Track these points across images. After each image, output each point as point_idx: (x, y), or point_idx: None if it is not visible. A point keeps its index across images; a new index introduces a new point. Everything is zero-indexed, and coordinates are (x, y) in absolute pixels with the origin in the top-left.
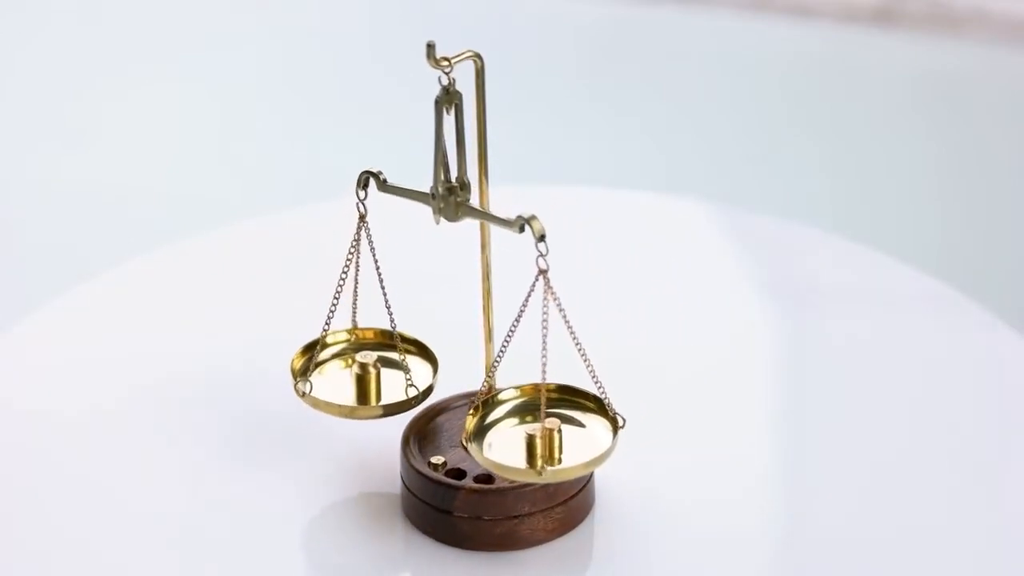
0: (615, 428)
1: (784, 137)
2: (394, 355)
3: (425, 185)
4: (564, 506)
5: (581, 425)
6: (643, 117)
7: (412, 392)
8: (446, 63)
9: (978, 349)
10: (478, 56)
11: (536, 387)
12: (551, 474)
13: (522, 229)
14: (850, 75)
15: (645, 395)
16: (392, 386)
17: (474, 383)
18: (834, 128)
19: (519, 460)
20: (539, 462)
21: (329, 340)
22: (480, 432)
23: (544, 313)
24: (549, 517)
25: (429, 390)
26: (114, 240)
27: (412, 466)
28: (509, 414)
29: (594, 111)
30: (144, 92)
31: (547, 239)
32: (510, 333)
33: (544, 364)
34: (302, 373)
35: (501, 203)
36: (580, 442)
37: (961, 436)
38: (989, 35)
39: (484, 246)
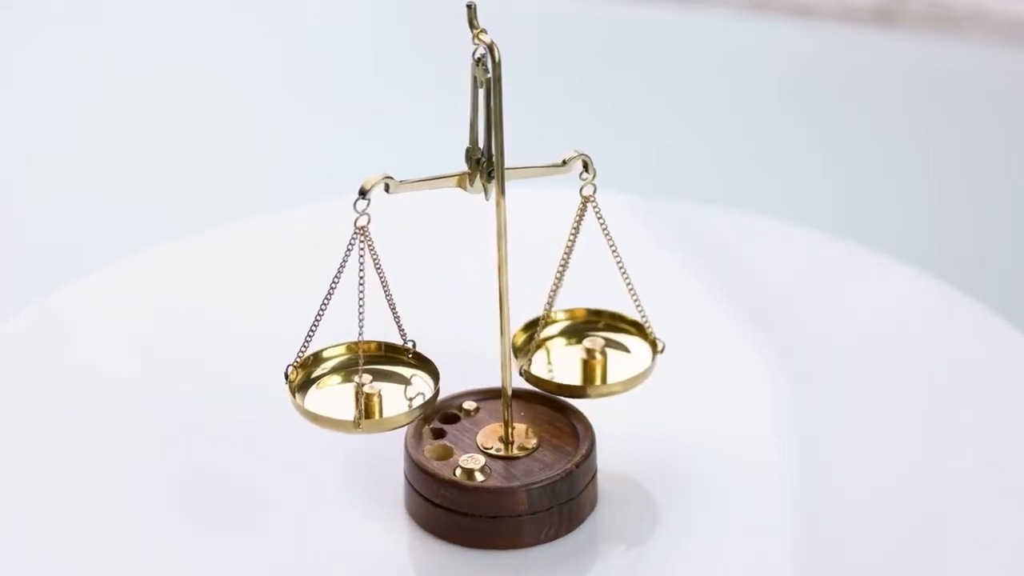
0: (435, 379)
1: (784, 137)
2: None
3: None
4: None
5: (405, 382)
6: (643, 117)
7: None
8: (479, 31)
9: (978, 349)
10: (494, 45)
11: (356, 345)
12: (368, 425)
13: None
14: (850, 75)
15: (645, 395)
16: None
17: (482, 379)
18: (834, 128)
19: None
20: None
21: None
22: (305, 385)
23: (361, 272)
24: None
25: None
26: (114, 240)
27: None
28: (334, 369)
29: (594, 112)
30: (144, 92)
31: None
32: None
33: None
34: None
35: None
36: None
37: (961, 436)
38: (989, 35)
39: (500, 235)
